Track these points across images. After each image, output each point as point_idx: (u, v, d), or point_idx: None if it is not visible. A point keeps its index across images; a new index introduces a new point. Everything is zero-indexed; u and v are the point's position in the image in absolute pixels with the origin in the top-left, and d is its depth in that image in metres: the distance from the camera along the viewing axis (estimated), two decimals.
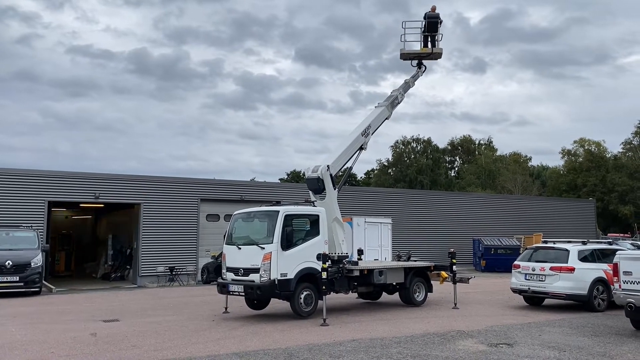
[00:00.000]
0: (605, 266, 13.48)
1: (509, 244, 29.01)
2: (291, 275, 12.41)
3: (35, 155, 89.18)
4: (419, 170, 63.96)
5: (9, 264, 17.59)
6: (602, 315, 13.23)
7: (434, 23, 18.16)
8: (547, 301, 15.05)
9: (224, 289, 13.11)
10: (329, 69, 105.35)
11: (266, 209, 13.52)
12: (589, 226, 35.74)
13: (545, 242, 15.79)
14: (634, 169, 51.09)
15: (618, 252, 11.62)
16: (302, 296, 12.64)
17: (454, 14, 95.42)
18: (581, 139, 60.52)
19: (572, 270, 13.55)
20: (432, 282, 15.49)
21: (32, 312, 14.24)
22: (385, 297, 16.15)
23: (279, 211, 12.75)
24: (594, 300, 13.66)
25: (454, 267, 14.95)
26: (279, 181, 61.13)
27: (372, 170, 71.72)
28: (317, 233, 13.26)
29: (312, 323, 11.93)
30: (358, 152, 15.71)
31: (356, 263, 14.49)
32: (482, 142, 74.68)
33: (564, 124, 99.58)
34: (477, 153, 71.95)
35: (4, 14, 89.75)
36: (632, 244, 25.56)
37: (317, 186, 14.28)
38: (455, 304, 14.51)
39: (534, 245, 17.54)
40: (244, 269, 12.70)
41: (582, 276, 13.55)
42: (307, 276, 12.72)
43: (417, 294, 15.10)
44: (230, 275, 13.09)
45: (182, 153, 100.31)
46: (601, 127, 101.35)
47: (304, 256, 12.76)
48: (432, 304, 15.14)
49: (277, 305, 14.32)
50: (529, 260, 14.59)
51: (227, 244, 13.46)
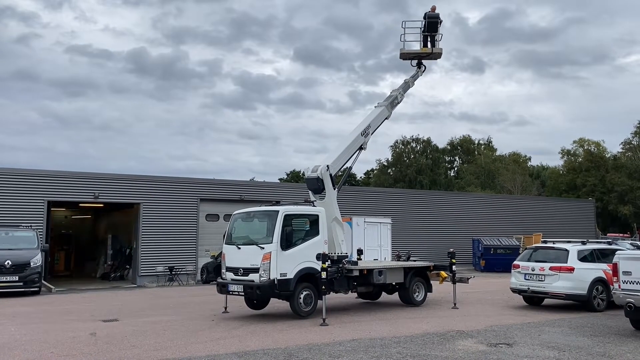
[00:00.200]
0: (605, 266, 13.48)
1: (508, 244, 29.02)
2: (291, 275, 12.41)
3: (35, 155, 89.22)
4: (419, 170, 63.91)
5: (8, 263, 17.60)
6: (601, 315, 13.23)
7: (434, 23, 18.18)
8: (547, 301, 15.06)
9: (223, 288, 13.11)
10: (328, 69, 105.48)
11: (266, 209, 13.52)
12: (589, 226, 35.76)
13: (545, 242, 15.79)
14: (634, 169, 51.09)
15: (617, 252, 11.60)
16: (302, 296, 12.64)
17: (452, 13, 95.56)
18: (580, 139, 60.58)
19: (571, 270, 13.56)
20: (432, 282, 15.49)
21: (32, 312, 14.24)
22: (384, 297, 16.15)
23: (278, 211, 12.75)
24: (594, 300, 13.67)
25: (454, 267, 14.97)
26: (279, 181, 61.11)
27: (372, 170, 71.69)
28: (316, 233, 13.26)
29: (312, 323, 11.93)
30: (358, 152, 15.73)
31: (356, 263, 14.49)
32: (481, 142, 74.74)
33: (563, 124, 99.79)
34: (477, 153, 71.91)
35: (3, 14, 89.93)
36: (631, 244, 25.56)
37: (316, 186, 14.29)
38: (455, 304, 14.52)
39: (534, 245, 17.53)
40: (243, 268, 12.70)
41: (581, 276, 13.56)
42: (306, 276, 12.72)
43: (417, 293, 15.10)
44: (229, 275, 13.09)
45: (181, 153, 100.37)
46: (600, 127, 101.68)
47: (304, 256, 12.76)
48: (431, 304, 15.15)
49: (276, 305, 14.32)
50: (529, 260, 14.60)
51: (226, 243, 13.46)
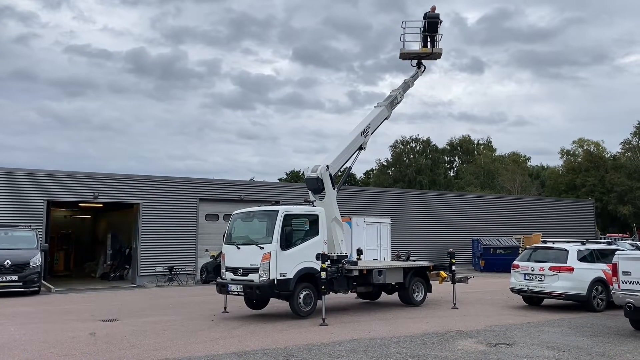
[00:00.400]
0: (604, 266, 13.49)
1: (508, 244, 29.02)
2: (290, 275, 12.41)
3: (34, 155, 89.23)
4: (418, 170, 63.94)
5: (8, 263, 17.60)
6: (601, 315, 13.24)
7: (434, 23, 18.19)
8: (546, 301, 15.06)
9: (223, 288, 13.11)
10: (327, 69, 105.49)
11: (265, 209, 13.52)
12: (588, 226, 35.77)
13: (545, 242, 15.77)
14: (633, 169, 51.13)
15: (617, 252, 11.61)
16: (302, 296, 12.63)
17: (451, 14, 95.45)
18: (580, 139, 60.68)
19: (571, 270, 13.56)
20: (431, 282, 15.49)
21: (31, 312, 14.23)
22: (384, 297, 16.15)
23: (278, 211, 12.74)
24: (593, 300, 13.67)
25: (453, 267, 14.97)
26: (278, 181, 61.11)
27: (372, 170, 71.72)
28: (316, 233, 13.26)
29: (311, 323, 11.93)
30: (357, 152, 15.74)
31: (355, 263, 14.49)
32: (481, 142, 74.77)
33: (563, 124, 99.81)
34: (476, 153, 71.93)
35: (2, 14, 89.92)
36: (631, 244, 25.61)
37: (316, 186, 14.29)
38: (455, 304, 14.51)
39: (533, 245, 17.52)
40: (243, 268, 12.70)
41: (581, 276, 13.56)
42: (306, 276, 12.71)
43: (416, 293, 15.11)
44: (229, 275, 13.09)
45: (180, 153, 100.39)
46: (599, 127, 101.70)
47: (303, 256, 12.76)
48: (431, 304, 15.15)
49: (276, 305, 14.32)
50: (528, 260, 14.60)
51: (226, 243, 13.45)
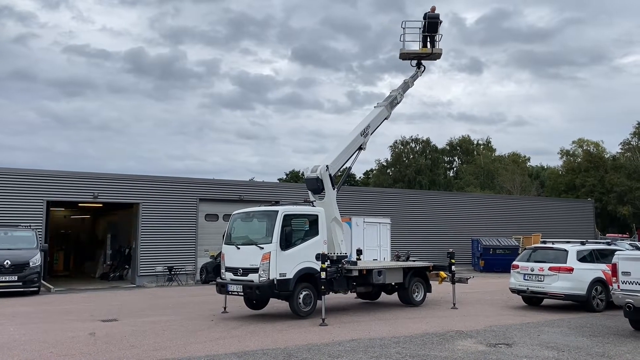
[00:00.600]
0: (604, 266, 13.50)
1: (507, 244, 29.02)
2: (290, 275, 12.41)
3: (33, 155, 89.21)
4: (418, 170, 63.96)
5: (7, 263, 17.58)
6: (600, 315, 13.24)
7: (434, 23, 18.18)
8: (546, 301, 15.06)
9: (222, 288, 13.11)
10: (326, 69, 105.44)
11: (265, 209, 13.52)
12: (588, 226, 35.78)
13: (544, 242, 15.77)
14: (633, 169, 51.11)
15: (617, 253, 11.61)
16: (301, 296, 12.63)
17: (450, 14, 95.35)
18: (580, 139, 60.70)
19: (570, 270, 13.57)
20: (431, 282, 15.49)
21: (31, 312, 14.23)
22: (384, 297, 16.15)
23: (278, 211, 12.74)
24: (593, 301, 13.67)
25: (453, 267, 14.97)
26: (278, 181, 61.12)
27: (371, 170, 71.75)
28: (316, 233, 13.25)
29: (311, 323, 11.93)
30: (357, 152, 15.73)
31: (355, 263, 14.50)
32: (480, 142, 74.79)
33: (562, 124, 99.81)
34: (476, 153, 71.95)
35: (0, 14, 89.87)
36: (630, 244, 25.66)
37: (316, 186, 14.29)
38: (454, 304, 14.51)
39: (533, 245, 17.54)
40: (242, 268, 12.69)
41: (580, 276, 13.56)
42: (306, 276, 12.71)
43: (416, 294, 15.11)
44: (229, 275, 13.08)
45: (179, 153, 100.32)
46: (599, 128, 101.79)
47: (303, 256, 12.76)
48: (430, 304, 15.15)
49: (276, 305, 14.31)
50: (528, 260, 14.60)
51: (226, 243, 13.45)
